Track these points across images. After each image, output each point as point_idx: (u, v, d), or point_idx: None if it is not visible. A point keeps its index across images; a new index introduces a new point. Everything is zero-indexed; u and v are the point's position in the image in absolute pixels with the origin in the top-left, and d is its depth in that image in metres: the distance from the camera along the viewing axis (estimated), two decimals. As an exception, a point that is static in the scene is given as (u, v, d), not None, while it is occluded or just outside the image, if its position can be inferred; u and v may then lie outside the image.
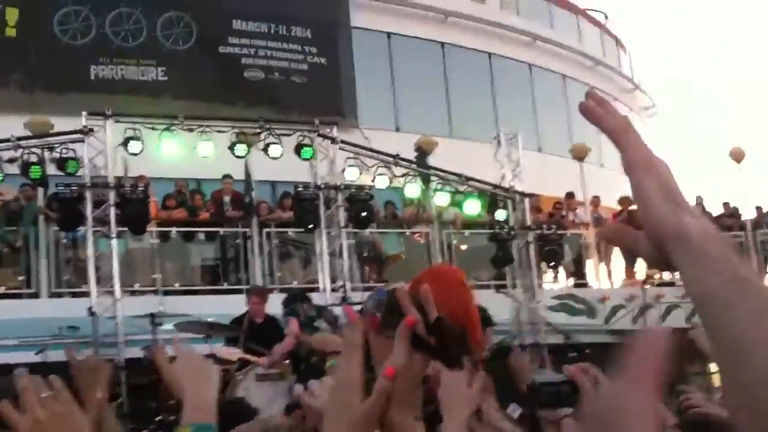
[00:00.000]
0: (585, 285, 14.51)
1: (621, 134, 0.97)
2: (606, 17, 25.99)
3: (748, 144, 17.77)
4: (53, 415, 1.43)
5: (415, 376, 1.44)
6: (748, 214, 15.91)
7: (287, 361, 8.11)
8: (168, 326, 8.61)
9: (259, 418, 2.89)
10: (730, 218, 15.96)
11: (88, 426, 1.50)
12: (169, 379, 1.86)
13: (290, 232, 12.73)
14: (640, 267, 14.95)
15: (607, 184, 18.13)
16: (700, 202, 16.19)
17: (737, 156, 15.90)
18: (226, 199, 12.79)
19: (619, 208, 15.46)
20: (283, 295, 9.20)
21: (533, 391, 1.88)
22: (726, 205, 16.34)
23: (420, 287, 1.48)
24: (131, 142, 10.77)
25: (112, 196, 10.64)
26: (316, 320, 8.25)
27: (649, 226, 0.92)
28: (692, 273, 0.88)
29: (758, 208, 16.30)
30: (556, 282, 14.78)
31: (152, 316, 8.43)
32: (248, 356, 8.28)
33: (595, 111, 0.98)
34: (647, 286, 11.71)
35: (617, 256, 14.80)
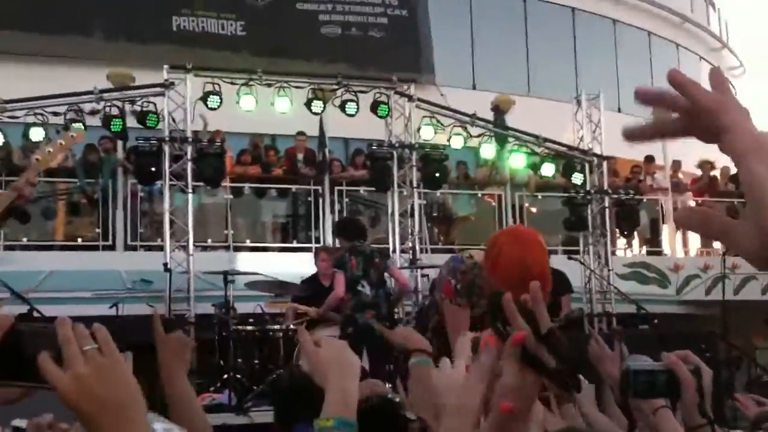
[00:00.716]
0: (660, 253, 14.22)
1: (721, 113, 0.84)
2: (696, -28, 24.95)
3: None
4: (97, 370, 1.26)
5: (531, 395, 1.34)
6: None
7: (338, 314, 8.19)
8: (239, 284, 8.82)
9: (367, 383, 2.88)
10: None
11: (134, 383, 1.31)
12: (313, 366, 1.79)
13: (362, 190, 12.79)
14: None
15: (689, 148, 17.62)
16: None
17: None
18: (300, 156, 12.91)
19: (699, 172, 15.05)
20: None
21: (626, 378, 1.84)
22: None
23: (530, 291, 1.37)
24: (210, 96, 10.88)
25: (189, 151, 10.84)
26: (360, 281, 8.07)
27: (765, 226, 0.79)
28: None
29: None
30: (630, 249, 14.52)
31: (225, 273, 8.62)
32: (299, 307, 8.53)
33: (689, 82, 0.85)
34: (725, 256, 11.37)
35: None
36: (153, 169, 10.60)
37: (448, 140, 11.95)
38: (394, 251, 11.53)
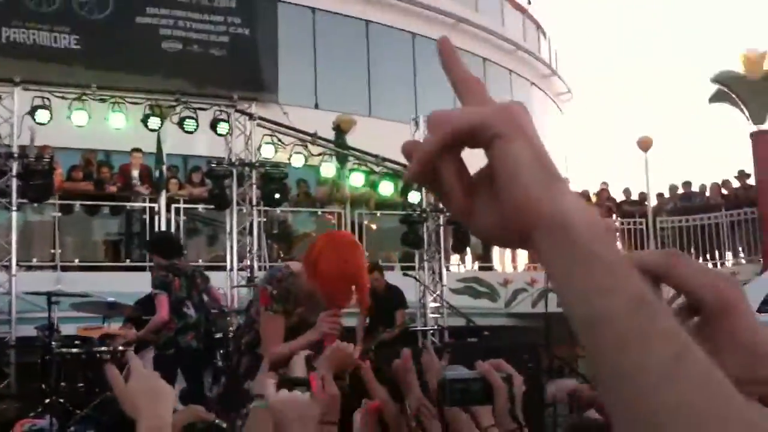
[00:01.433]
0: (491, 268, 14.85)
1: (474, 87, 0.74)
2: (529, 2, 26.32)
3: (655, 134, 18.25)
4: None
5: None
6: (652, 202, 16.50)
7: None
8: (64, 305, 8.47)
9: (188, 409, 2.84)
10: (631, 205, 16.53)
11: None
12: (123, 398, 1.75)
13: (200, 208, 12.64)
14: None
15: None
16: (605, 187, 16.74)
17: (645, 145, 16.41)
18: (135, 172, 12.60)
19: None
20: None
21: (443, 388, 1.85)
22: (626, 191, 16.91)
23: (403, 358, 1.31)
24: (39, 110, 10.50)
25: (14, 167, 10.39)
26: (185, 302, 7.67)
27: (511, 205, 0.67)
28: (573, 283, 0.63)
29: (659, 195, 16.93)
30: (463, 264, 15.08)
31: (49, 294, 8.27)
32: (112, 330, 8.06)
33: (452, 55, 0.75)
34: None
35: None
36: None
37: (289, 158, 12.03)
38: (231, 269, 11.47)
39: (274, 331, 4.01)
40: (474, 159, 0.74)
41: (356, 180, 12.84)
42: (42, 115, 10.54)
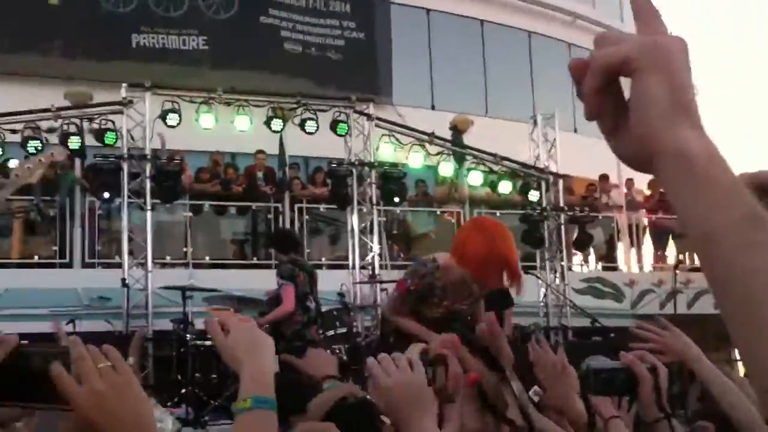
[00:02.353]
0: (614, 269, 14.47)
1: (650, 18, 0.78)
2: (649, -4, 25.55)
3: None
4: (113, 387, 1.27)
5: None
6: None
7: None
8: (198, 300, 8.78)
9: (340, 386, 2.88)
10: None
11: (146, 400, 1.33)
12: (224, 351, 1.71)
13: (322, 208, 12.85)
14: (671, 251, 14.90)
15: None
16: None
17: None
18: (259, 174, 12.94)
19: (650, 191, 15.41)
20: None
21: (586, 377, 1.87)
22: None
23: (487, 323, 1.26)
24: (169, 114, 10.89)
25: (148, 168, 10.82)
26: (309, 296, 7.83)
27: (636, 133, 0.75)
28: (692, 203, 0.71)
29: None
30: (585, 265, 14.77)
31: (183, 289, 8.59)
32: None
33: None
34: (677, 271, 11.65)
35: (649, 240, 14.75)
36: (111, 186, 10.56)
37: (407, 158, 12.08)
38: (353, 267, 11.60)
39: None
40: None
41: (474, 179, 12.76)
42: (172, 119, 10.92)
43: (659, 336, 2.72)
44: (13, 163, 10.48)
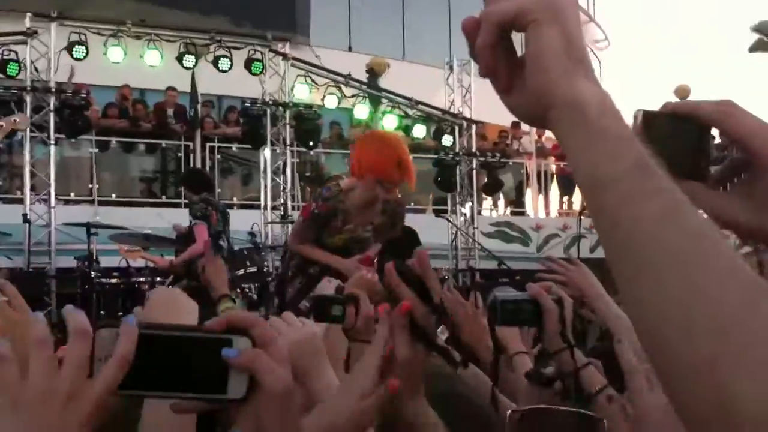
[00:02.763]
0: (522, 213, 14.82)
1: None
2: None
3: (693, 83, 17.89)
4: (10, 324, 1.22)
5: (418, 368, 1.24)
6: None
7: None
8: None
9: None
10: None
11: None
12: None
13: (234, 147, 12.69)
14: (577, 197, 15.33)
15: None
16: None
17: (683, 93, 16.16)
18: (170, 111, 12.64)
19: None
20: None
21: (493, 308, 1.86)
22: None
23: (416, 257, 1.25)
24: (76, 46, 10.51)
25: (52, 102, 10.48)
26: (221, 236, 7.71)
27: (532, 86, 0.75)
28: (583, 152, 0.72)
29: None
30: (494, 209, 15.07)
31: (88, 225, 8.40)
32: (147, 255, 8.05)
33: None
34: (582, 217, 11.98)
35: (556, 187, 15.14)
36: (13, 119, 10.17)
37: (322, 100, 11.99)
38: (266, 208, 11.56)
39: (300, 234, 4.36)
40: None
41: (389, 122, 12.77)
42: (78, 51, 10.54)
43: (565, 269, 2.79)
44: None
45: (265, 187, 11.76)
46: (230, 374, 0.94)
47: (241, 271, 8.42)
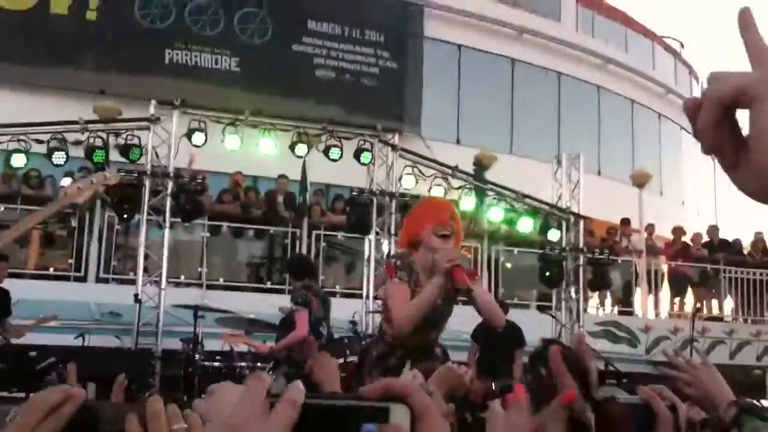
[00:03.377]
0: (631, 313, 14.32)
1: (764, 56, 0.80)
2: (682, 45, 25.52)
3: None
4: None
5: None
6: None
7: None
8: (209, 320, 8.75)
9: None
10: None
11: None
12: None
13: (340, 236, 12.84)
14: (689, 299, 14.73)
15: (664, 213, 17.88)
16: (761, 236, 15.76)
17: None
18: (280, 198, 12.97)
19: (671, 237, 15.27)
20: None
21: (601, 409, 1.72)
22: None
23: (577, 344, 1.21)
24: (195, 133, 10.97)
25: (170, 186, 10.89)
26: (322, 322, 7.71)
27: (758, 162, 0.77)
28: None
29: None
30: (602, 308, 14.62)
31: (195, 308, 8.58)
32: (249, 341, 8.01)
33: (750, 25, 0.82)
34: (694, 320, 11.50)
35: (666, 287, 14.61)
36: (132, 202, 10.61)
37: (429, 191, 12.04)
38: (368, 297, 11.56)
39: (401, 297, 3.98)
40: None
41: (495, 215, 12.69)
42: (198, 138, 10.98)
43: (692, 367, 2.46)
44: (65, 182, 10.61)
45: (368, 276, 11.79)
46: None
47: (341, 360, 8.38)
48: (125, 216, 10.76)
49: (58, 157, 10.52)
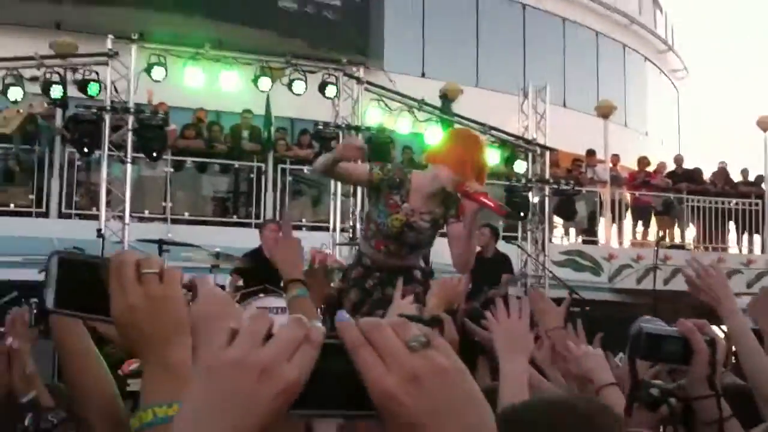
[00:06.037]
0: (594, 243, 14.51)
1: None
2: (646, -25, 25.36)
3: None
4: (152, 301, 1.12)
5: None
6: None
7: None
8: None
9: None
10: (748, 185, 15.77)
11: (186, 316, 1.14)
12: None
13: (305, 169, 12.79)
14: (653, 228, 14.95)
15: (628, 144, 18.03)
16: (723, 166, 16.01)
17: (765, 125, 15.65)
18: (244, 132, 12.85)
19: (636, 167, 15.41)
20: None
21: (637, 338, 1.77)
22: (744, 171, 16.12)
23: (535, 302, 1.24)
24: (155, 68, 10.73)
25: (130, 121, 10.72)
26: None
27: None
28: None
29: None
30: (566, 237, 14.80)
31: (160, 242, 8.53)
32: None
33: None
34: (657, 247, 11.68)
35: (629, 217, 14.83)
36: (92, 138, 10.45)
37: (395, 124, 11.99)
38: (334, 230, 11.59)
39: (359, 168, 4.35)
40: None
41: (461, 147, 12.65)
42: (157, 72, 10.76)
43: (707, 274, 2.50)
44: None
45: (335, 209, 11.80)
46: None
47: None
48: (86, 151, 10.61)
49: (15, 93, 10.27)
